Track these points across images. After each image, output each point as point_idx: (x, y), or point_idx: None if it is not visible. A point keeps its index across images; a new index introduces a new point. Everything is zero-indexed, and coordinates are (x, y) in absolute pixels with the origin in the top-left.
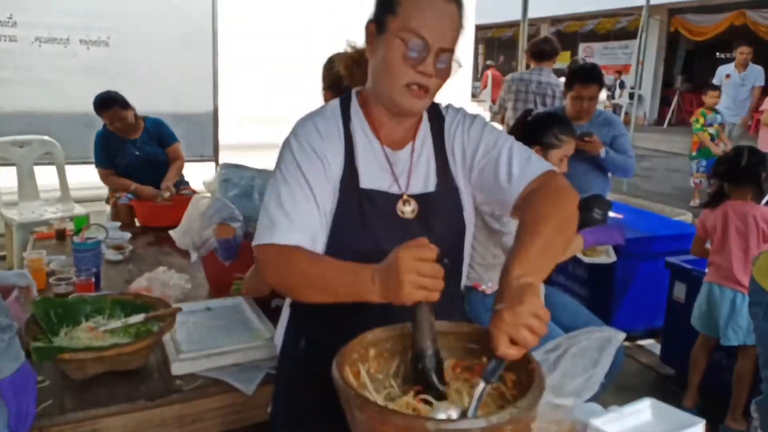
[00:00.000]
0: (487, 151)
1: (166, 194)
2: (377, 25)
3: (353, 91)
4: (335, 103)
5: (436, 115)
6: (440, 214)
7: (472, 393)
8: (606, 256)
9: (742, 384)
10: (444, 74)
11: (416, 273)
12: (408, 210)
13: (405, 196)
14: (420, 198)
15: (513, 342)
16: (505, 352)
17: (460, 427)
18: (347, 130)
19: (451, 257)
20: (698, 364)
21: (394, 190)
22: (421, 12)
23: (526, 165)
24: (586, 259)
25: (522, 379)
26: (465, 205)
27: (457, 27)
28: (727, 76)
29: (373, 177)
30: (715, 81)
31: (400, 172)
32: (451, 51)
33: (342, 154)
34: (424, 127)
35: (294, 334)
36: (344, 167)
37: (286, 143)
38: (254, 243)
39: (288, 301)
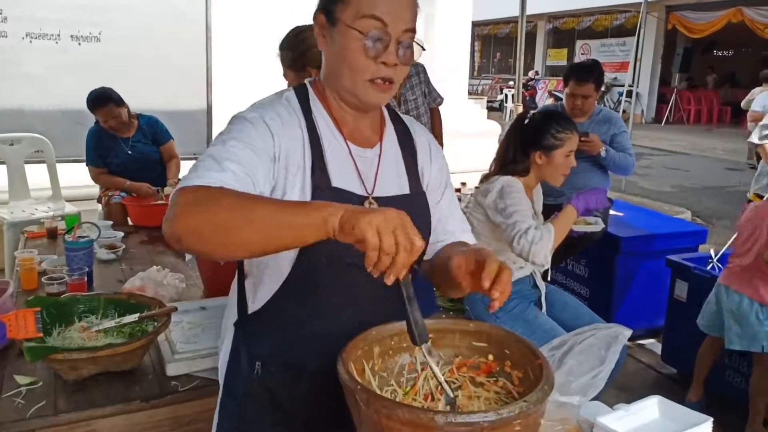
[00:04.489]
0: (444, 200)
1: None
2: (326, 16)
3: (307, 82)
4: (290, 93)
5: (396, 116)
6: None
7: (480, 394)
8: (595, 225)
9: (760, 393)
10: (407, 60)
11: (401, 228)
12: None
13: (370, 199)
14: (385, 201)
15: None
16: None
17: (468, 420)
18: (310, 122)
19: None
20: (704, 362)
21: (360, 191)
22: None
23: (462, 227)
24: (577, 228)
25: (529, 376)
26: (431, 210)
27: (413, 4)
28: None
29: (342, 175)
30: None
31: (366, 173)
32: (413, 31)
33: (305, 147)
34: (389, 127)
35: (246, 358)
36: (312, 164)
37: (239, 116)
38: (174, 189)
39: (231, 320)
